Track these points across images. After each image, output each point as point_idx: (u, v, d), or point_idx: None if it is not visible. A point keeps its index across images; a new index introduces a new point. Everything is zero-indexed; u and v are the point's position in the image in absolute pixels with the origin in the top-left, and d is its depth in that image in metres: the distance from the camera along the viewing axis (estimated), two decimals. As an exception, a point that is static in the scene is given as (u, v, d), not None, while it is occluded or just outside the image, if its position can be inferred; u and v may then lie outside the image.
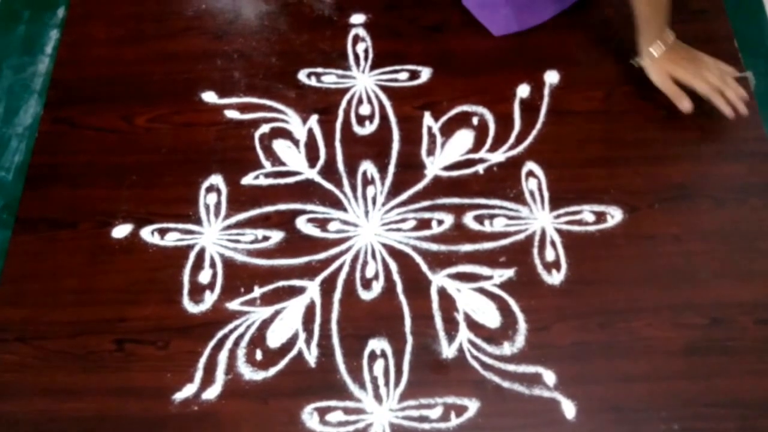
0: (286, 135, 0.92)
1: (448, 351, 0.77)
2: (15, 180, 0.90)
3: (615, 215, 0.84)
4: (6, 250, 0.85)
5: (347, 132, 0.91)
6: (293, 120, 0.92)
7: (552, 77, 0.94)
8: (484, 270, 0.81)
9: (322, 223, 0.85)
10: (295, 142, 0.91)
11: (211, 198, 0.87)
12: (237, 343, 0.79)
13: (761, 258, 0.81)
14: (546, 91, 0.93)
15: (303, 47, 0.98)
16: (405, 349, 0.78)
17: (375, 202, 0.87)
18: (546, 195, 0.86)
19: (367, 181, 0.88)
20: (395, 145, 0.90)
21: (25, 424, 0.75)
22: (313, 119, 0.92)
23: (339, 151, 0.90)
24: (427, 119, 0.92)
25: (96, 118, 0.94)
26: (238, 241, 0.84)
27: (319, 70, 0.96)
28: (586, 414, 0.74)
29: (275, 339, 0.79)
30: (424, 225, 0.85)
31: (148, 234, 0.85)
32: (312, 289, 0.81)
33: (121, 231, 0.85)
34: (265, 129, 0.92)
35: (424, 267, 0.82)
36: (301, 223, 0.85)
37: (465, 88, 0.93)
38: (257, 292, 0.81)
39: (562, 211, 0.85)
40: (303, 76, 0.96)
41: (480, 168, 0.88)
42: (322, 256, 0.83)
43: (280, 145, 0.91)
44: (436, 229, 0.84)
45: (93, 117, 0.94)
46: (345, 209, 0.86)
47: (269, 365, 0.77)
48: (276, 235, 0.85)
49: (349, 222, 0.85)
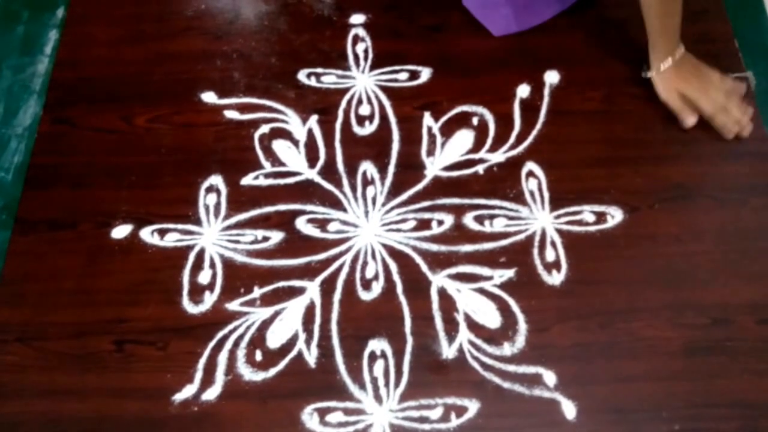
0: (285, 135, 0.91)
1: (448, 351, 0.77)
2: (14, 180, 0.90)
3: (615, 215, 0.84)
4: (5, 250, 0.85)
5: (347, 132, 0.91)
6: (293, 120, 0.92)
7: (552, 77, 0.94)
8: (484, 270, 0.81)
9: (321, 224, 0.85)
10: (295, 142, 0.91)
11: (211, 198, 0.87)
12: (237, 344, 0.78)
13: (762, 258, 0.81)
14: (546, 91, 0.93)
15: (303, 47, 0.98)
16: (405, 350, 0.77)
17: (375, 202, 0.86)
18: (546, 195, 0.86)
19: (367, 182, 0.88)
20: (395, 146, 0.90)
21: (25, 425, 0.75)
22: (313, 119, 0.92)
23: (339, 152, 0.90)
24: (427, 119, 0.91)
25: (95, 118, 0.93)
26: (237, 242, 0.84)
27: (319, 70, 0.96)
28: (586, 414, 0.74)
29: (275, 340, 0.79)
30: (424, 225, 0.85)
31: (147, 234, 0.85)
32: (312, 290, 0.81)
33: (121, 231, 0.85)
34: (265, 129, 0.92)
35: (424, 267, 0.82)
36: (301, 224, 0.85)
37: (465, 88, 0.93)
38: (257, 292, 0.81)
39: (562, 212, 0.85)
40: (303, 76, 0.96)
41: (480, 168, 0.88)
42: (322, 256, 0.83)
43: (279, 146, 0.91)
44: (436, 230, 0.84)
45: (92, 117, 0.94)
46: (345, 210, 0.86)
47: (269, 366, 0.77)
48: (276, 236, 0.85)
49: (349, 222, 0.85)
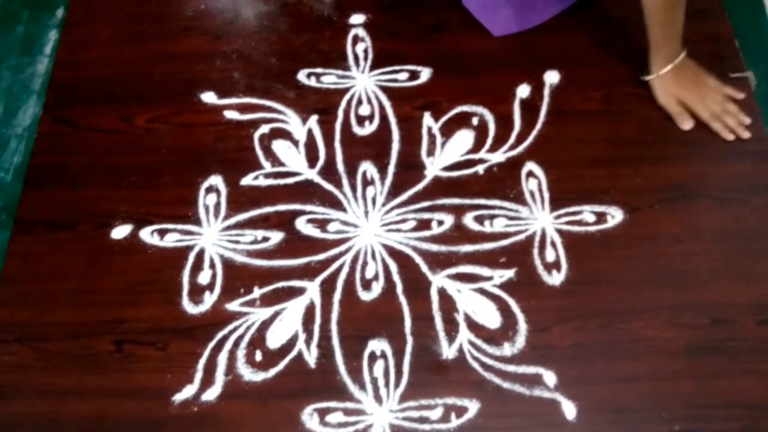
0: (285, 135, 0.91)
1: (448, 352, 0.77)
2: (14, 181, 0.90)
3: (615, 215, 0.84)
4: (5, 251, 0.85)
5: (347, 132, 0.91)
6: (293, 120, 0.92)
7: (552, 77, 0.94)
8: (484, 271, 0.81)
9: (321, 224, 0.85)
10: (295, 142, 0.91)
11: (211, 199, 0.87)
12: (237, 344, 0.78)
13: (762, 258, 0.81)
14: (546, 91, 0.93)
15: (302, 47, 0.98)
16: (405, 350, 0.77)
17: (375, 202, 0.86)
18: (546, 195, 0.86)
19: (367, 182, 0.88)
20: (395, 146, 0.90)
21: (25, 425, 0.75)
22: (313, 120, 0.92)
23: (339, 152, 0.90)
24: (427, 119, 0.91)
25: (95, 118, 0.93)
26: (237, 242, 0.84)
27: (319, 70, 0.96)
28: (586, 415, 0.74)
29: (275, 340, 0.79)
30: (424, 225, 0.84)
31: (147, 235, 0.85)
32: (312, 290, 0.81)
33: (121, 232, 0.85)
34: (265, 129, 0.92)
35: (424, 267, 0.82)
36: (301, 224, 0.85)
37: (465, 88, 0.93)
38: (257, 292, 0.81)
39: (562, 212, 0.85)
40: (302, 76, 0.96)
41: (480, 168, 0.88)
42: (321, 256, 0.83)
43: (279, 146, 0.91)
44: (436, 230, 0.84)
45: (92, 117, 0.94)
46: (345, 210, 0.86)
47: (269, 366, 0.77)
48: (276, 236, 0.84)
49: (349, 222, 0.85)
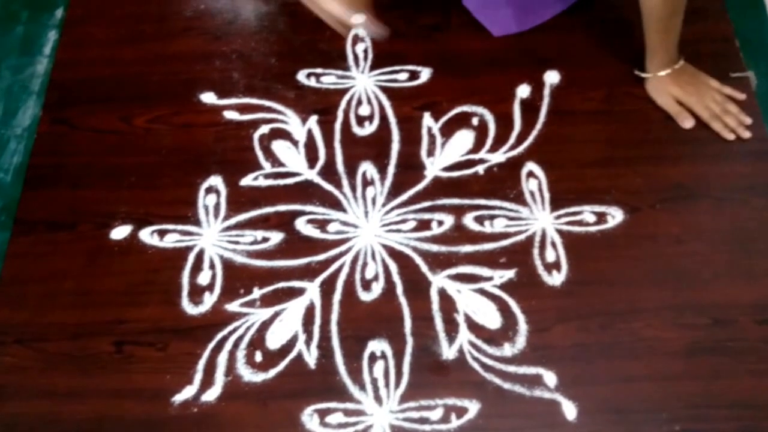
0: (285, 136, 0.91)
1: (448, 352, 0.77)
2: (14, 181, 0.90)
3: (616, 216, 0.84)
4: (5, 251, 0.85)
5: (347, 133, 0.91)
6: (292, 121, 0.92)
7: (552, 77, 0.93)
8: (484, 271, 0.81)
9: (321, 224, 0.85)
10: (295, 142, 0.91)
11: (211, 199, 0.87)
12: (236, 345, 0.78)
13: (762, 258, 0.81)
14: (546, 92, 0.92)
15: (302, 48, 0.98)
16: (405, 351, 0.77)
17: (375, 202, 0.86)
18: (546, 195, 0.85)
19: (367, 182, 0.88)
20: (395, 146, 0.90)
21: (25, 426, 0.75)
22: (313, 120, 0.92)
23: (338, 152, 0.90)
24: (427, 120, 0.91)
25: (95, 119, 0.93)
26: (237, 243, 0.84)
27: (319, 70, 0.96)
28: (587, 415, 0.74)
29: (275, 340, 0.78)
30: (424, 226, 0.84)
31: (147, 235, 0.85)
32: (312, 291, 0.81)
33: (120, 232, 0.85)
34: (265, 130, 0.92)
35: (424, 268, 0.82)
36: (301, 224, 0.85)
37: (465, 88, 0.93)
38: (257, 293, 0.81)
39: (562, 212, 0.84)
40: (302, 76, 0.95)
41: (480, 168, 0.88)
42: (321, 257, 0.83)
43: (279, 146, 0.90)
44: (436, 230, 0.84)
45: (92, 118, 0.93)
46: (345, 210, 0.86)
47: (269, 367, 0.77)
48: (275, 237, 0.84)
49: (349, 223, 0.85)
